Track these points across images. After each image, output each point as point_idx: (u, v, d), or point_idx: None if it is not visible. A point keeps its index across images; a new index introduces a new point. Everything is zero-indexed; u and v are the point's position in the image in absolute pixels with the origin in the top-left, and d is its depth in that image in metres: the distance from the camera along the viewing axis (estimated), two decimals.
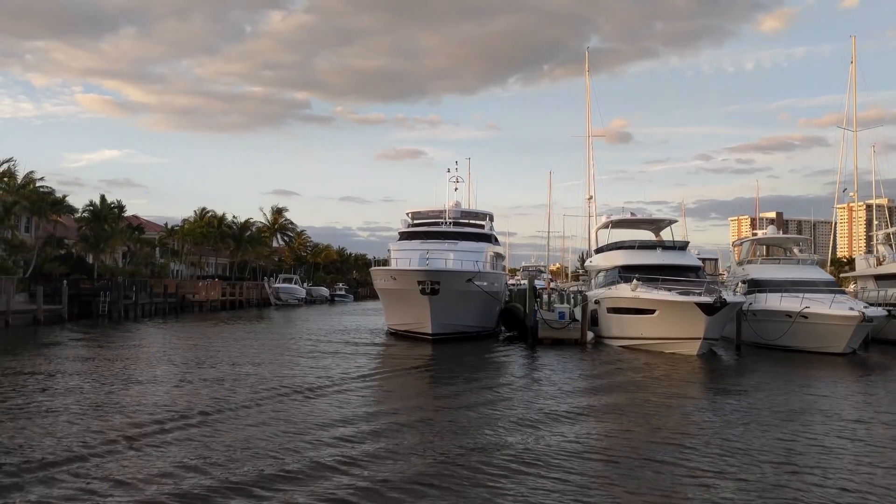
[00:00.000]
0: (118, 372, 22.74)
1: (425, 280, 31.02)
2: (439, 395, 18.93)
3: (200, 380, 20.93)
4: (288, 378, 21.20)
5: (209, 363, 24.93)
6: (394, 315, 36.25)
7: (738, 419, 16.09)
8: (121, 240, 64.45)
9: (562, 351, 29.94)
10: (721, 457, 12.53)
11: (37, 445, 12.72)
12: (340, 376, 20.84)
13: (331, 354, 27.69)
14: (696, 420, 16.15)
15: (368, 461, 11.88)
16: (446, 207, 42.11)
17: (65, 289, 47.22)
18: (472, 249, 36.82)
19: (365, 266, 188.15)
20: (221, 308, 69.47)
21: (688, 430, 14.85)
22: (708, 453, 12.78)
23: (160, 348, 30.54)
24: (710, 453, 12.78)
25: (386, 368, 24.82)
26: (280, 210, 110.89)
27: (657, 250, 33.01)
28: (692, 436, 14.27)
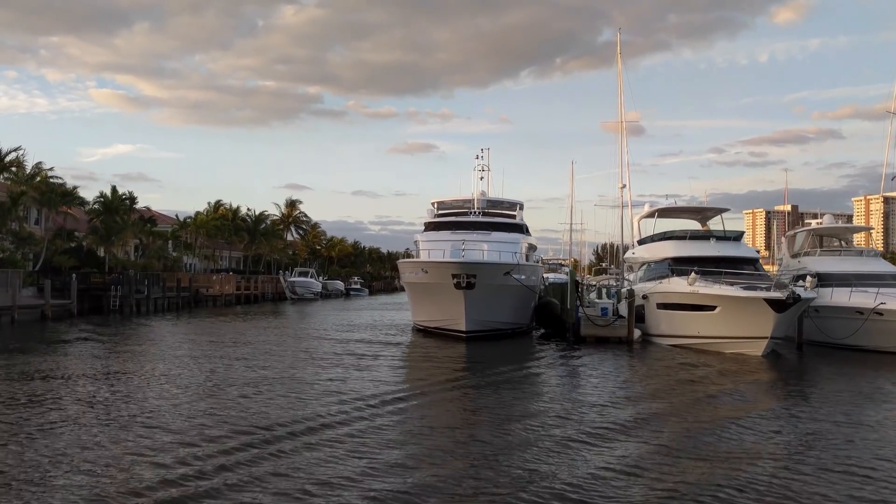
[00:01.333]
0: (132, 376, 20.51)
1: (460, 273, 28.64)
2: (481, 407, 16.32)
3: (224, 391, 18.66)
4: (320, 388, 18.93)
5: (230, 370, 22.66)
6: (423, 311, 33.87)
7: (829, 437, 13.62)
8: (132, 232, 62.34)
9: (608, 351, 27.52)
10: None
11: (42, 475, 10.47)
12: (372, 393, 17.50)
13: (359, 358, 25.01)
14: (777, 441, 13.49)
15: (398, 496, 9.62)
16: (474, 196, 39.67)
17: (74, 283, 45.16)
18: (507, 240, 34.40)
19: (378, 260, 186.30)
20: (236, 302, 67.45)
21: (771, 454, 12.33)
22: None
23: (175, 348, 28.35)
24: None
25: (419, 376, 22.29)
26: (294, 203, 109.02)
27: (710, 241, 30.44)
28: (776, 460, 11.82)
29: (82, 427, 13.49)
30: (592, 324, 30.00)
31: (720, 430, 13.98)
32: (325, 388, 18.14)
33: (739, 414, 15.76)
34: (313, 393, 17.52)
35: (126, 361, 23.53)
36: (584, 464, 11.42)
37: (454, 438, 13.05)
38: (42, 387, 17.98)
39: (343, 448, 12.08)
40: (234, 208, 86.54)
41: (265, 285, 78.44)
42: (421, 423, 14.48)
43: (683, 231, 32.86)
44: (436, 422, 14.51)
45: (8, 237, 48.44)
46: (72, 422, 13.89)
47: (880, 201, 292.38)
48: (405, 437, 13.16)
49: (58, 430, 13.16)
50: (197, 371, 21.30)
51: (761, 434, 13.88)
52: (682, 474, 10.75)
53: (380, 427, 13.82)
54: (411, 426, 14.16)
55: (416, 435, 13.31)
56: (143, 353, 26.05)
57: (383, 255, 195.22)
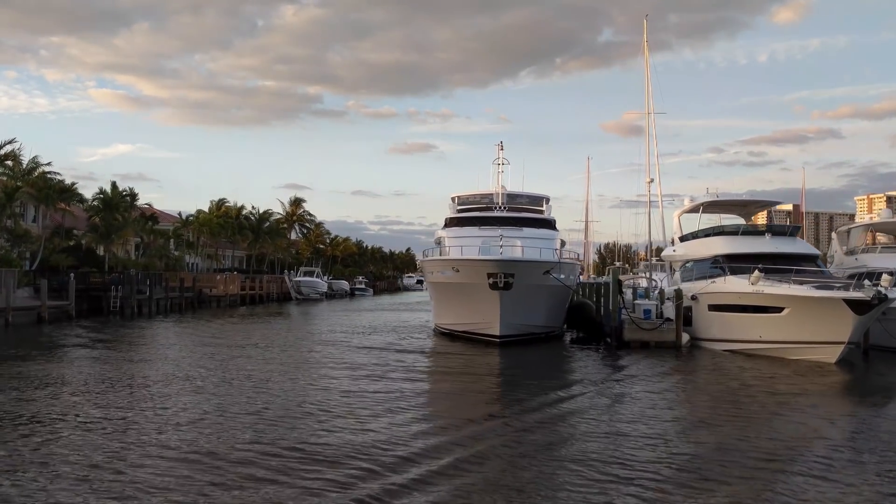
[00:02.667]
0: (136, 391, 18.08)
1: (497, 272, 26.12)
2: (533, 440, 13.42)
3: (237, 406, 16.25)
4: (343, 406, 16.50)
5: (245, 382, 20.21)
6: (449, 313, 31.26)
7: None
8: (133, 230, 59.98)
9: (657, 357, 25.04)
10: None
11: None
12: (402, 435, 12.94)
13: (383, 373, 21.59)
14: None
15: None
16: (498, 190, 37.15)
17: (72, 282, 42.63)
18: (542, 237, 31.89)
19: (381, 259, 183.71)
20: (241, 303, 64.97)
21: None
22: None
23: (179, 357, 25.93)
24: None
25: (451, 388, 19.78)
26: (298, 201, 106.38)
27: (766, 236, 27.87)
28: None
29: (81, 452, 11.07)
30: (637, 327, 27.49)
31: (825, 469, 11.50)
32: (347, 427, 14.09)
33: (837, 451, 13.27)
34: (333, 425, 13.68)
35: (129, 373, 21.06)
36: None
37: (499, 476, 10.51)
38: (36, 404, 15.51)
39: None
40: (238, 206, 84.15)
41: (270, 285, 75.94)
42: (455, 455, 11.60)
43: (735, 226, 30.34)
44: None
45: (2, 235, 46.02)
46: (71, 447, 11.45)
47: (883, 200, 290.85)
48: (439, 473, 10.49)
49: (54, 457, 10.74)
50: (204, 386, 18.85)
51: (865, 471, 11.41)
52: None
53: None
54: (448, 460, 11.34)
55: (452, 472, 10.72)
56: (146, 363, 23.62)
57: (386, 255, 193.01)
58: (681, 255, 31.42)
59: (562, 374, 22.04)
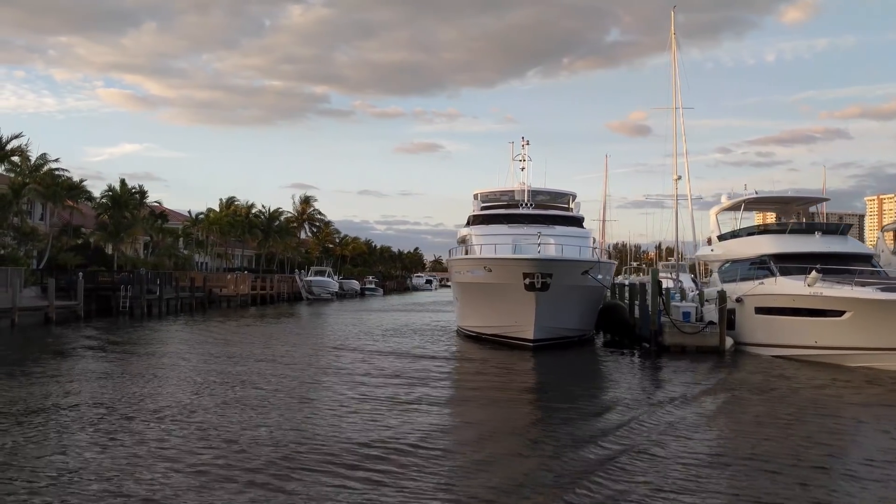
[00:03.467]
0: (149, 402, 16.63)
1: (534, 272, 24.58)
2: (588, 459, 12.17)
3: (259, 424, 14.80)
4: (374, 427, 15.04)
5: (265, 393, 18.77)
6: (477, 315, 29.66)
7: None
8: (143, 228, 58.60)
9: (700, 363, 23.45)
10: None
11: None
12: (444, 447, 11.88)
13: (409, 379, 20.27)
14: None
15: None
16: (524, 187, 35.61)
17: (81, 282, 41.27)
18: (576, 234, 30.36)
19: (390, 259, 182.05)
20: (251, 303, 63.56)
21: None
22: None
23: (197, 360, 24.58)
24: None
25: (486, 403, 18.09)
26: (308, 199, 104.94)
27: (815, 235, 26.23)
28: None
29: (92, 470, 9.62)
30: (679, 331, 25.91)
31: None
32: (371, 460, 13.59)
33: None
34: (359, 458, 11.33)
35: (146, 379, 19.61)
36: None
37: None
38: (44, 415, 14.07)
39: None
40: (248, 205, 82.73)
41: (281, 285, 74.53)
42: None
43: (782, 224, 28.69)
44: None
45: (9, 232, 44.67)
46: (81, 465, 10.00)
47: (894, 200, 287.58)
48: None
49: (67, 472, 9.30)
50: (220, 399, 17.41)
51: None
52: None
53: None
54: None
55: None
56: (161, 368, 22.22)
57: (394, 255, 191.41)
58: (719, 255, 29.83)
59: (604, 384, 20.44)
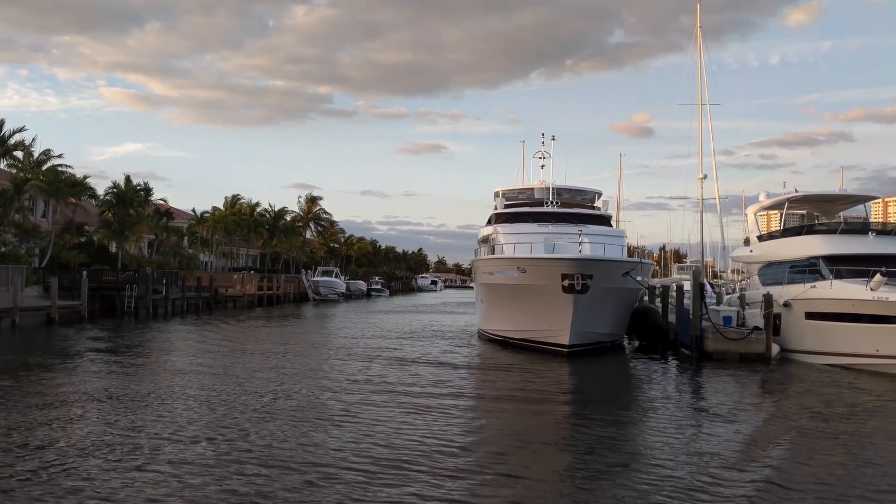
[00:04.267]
0: (168, 408, 15.12)
1: (574, 273, 23.02)
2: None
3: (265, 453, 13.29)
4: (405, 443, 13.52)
5: (283, 406, 17.30)
6: (504, 318, 27.99)
7: None
8: (148, 226, 57.12)
9: (748, 372, 21.95)
10: None
11: None
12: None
13: (435, 390, 19.05)
14: None
15: None
16: (547, 184, 34.09)
17: (84, 281, 39.80)
18: (610, 234, 28.84)
19: (395, 259, 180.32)
20: (257, 304, 61.99)
21: None
22: None
23: (210, 365, 23.17)
24: None
25: (523, 423, 16.70)
26: (314, 199, 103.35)
27: (869, 235, 24.70)
28: None
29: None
30: (723, 337, 24.35)
31: None
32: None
33: None
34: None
35: (160, 387, 18.13)
36: None
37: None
38: (47, 427, 12.55)
39: None
40: (254, 203, 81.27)
41: (287, 285, 73.03)
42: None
43: (833, 223, 27.15)
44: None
45: (10, 229, 43.21)
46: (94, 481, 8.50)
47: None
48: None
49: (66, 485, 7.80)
50: (233, 413, 15.92)
51: None
52: None
53: None
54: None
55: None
56: (174, 375, 20.77)
57: (399, 255, 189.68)
58: (759, 257, 28.29)
59: (650, 396, 18.79)
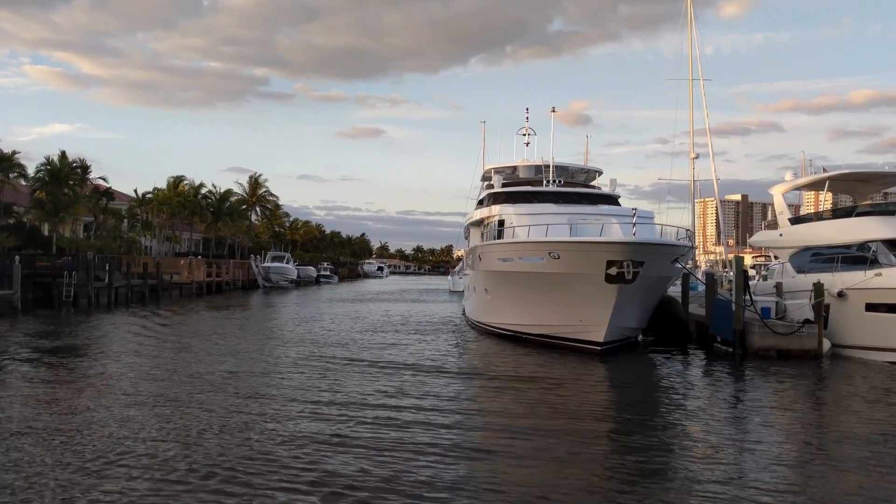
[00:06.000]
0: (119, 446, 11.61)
1: (623, 259, 19.81)
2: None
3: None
4: None
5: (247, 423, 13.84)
6: (518, 310, 24.20)
7: None
8: (86, 207, 52.01)
9: (804, 373, 19.39)
10: None
11: None
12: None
13: (443, 407, 15.31)
14: None
15: None
16: (544, 162, 30.98)
17: (17, 267, 35.06)
18: (639, 216, 25.83)
19: (340, 245, 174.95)
20: (206, 291, 57.44)
21: None
22: None
23: (176, 370, 19.44)
24: None
25: (555, 426, 13.64)
26: (258, 181, 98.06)
27: None
28: None
29: None
30: (770, 331, 21.65)
31: None
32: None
33: None
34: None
35: (92, 407, 14.44)
36: None
37: None
38: None
39: None
40: (198, 185, 76.06)
41: (236, 271, 68.47)
42: None
43: (889, 203, 24.75)
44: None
45: None
46: None
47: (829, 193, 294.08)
48: None
49: None
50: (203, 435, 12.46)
51: None
52: None
53: None
54: None
55: None
56: (135, 382, 17.05)
57: (344, 240, 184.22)
58: (792, 241, 25.72)
59: (712, 404, 15.96)
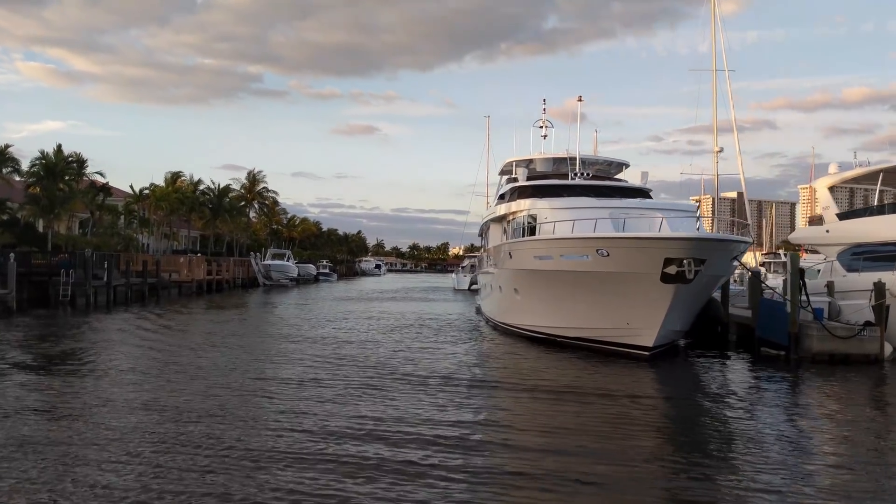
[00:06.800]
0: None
1: (684, 257, 18.13)
2: None
3: None
4: None
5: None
6: (555, 311, 22.35)
7: None
8: (83, 203, 50.23)
9: (864, 378, 17.87)
10: None
11: None
12: None
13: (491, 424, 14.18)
14: None
15: None
16: (576, 154, 29.42)
17: (12, 265, 33.31)
18: (682, 208, 24.24)
19: (337, 242, 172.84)
20: (207, 290, 55.73)
21: None
22: None
23: (169, 387, 17.73)
24: None
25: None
26: (256, 177, 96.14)
27: None
28: None
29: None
30: (830, 335, 20.11)
31: None
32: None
33: None
34: None
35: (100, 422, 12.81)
36: None
37: None
38: None
39: None
40: (196, 181, 74.30)
41: (237, 269, 66.78)
42: None
43: None
44: None
45: None
46: None
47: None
48: None
49: None
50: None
51: None
52: None
53: None
54: None
55: None
56: (136, 401, 15.35)
57: (341, 237, 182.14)
58: (841, 237, 24.22)
59: (784, 419, 14.34)
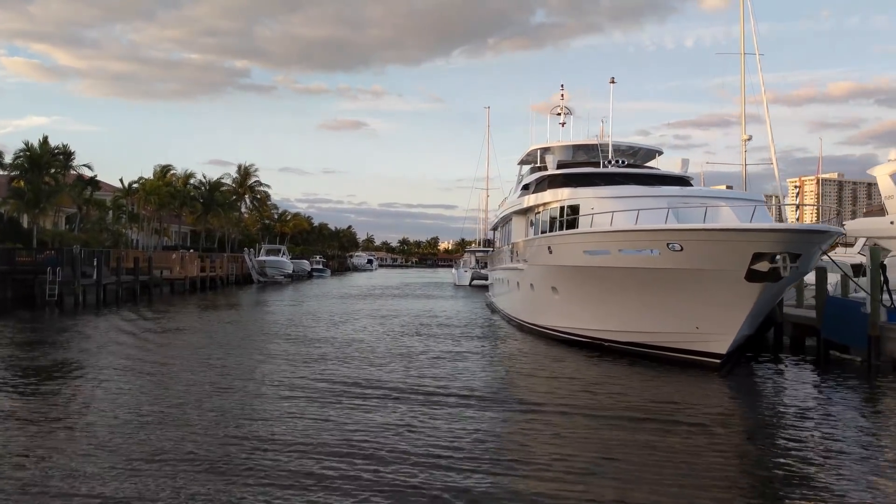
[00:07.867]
0: None
1: (779, 252, 15.75)
2: None
3: None
4: None
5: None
6: (606, 313, 20.10)
7: None
8: (69, 197, 47.69)
9: None
10: None
11: None
12: None
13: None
14: None
15: None
16: (609, 140, 27.45)
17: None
18: (747, 198, 22.11)
19: (329, 237, 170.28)
20: (200, 287, 53.38)
21: None
22: None
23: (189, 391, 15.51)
24: None
25: None
26: (248, 171, 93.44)
27: None
28: None
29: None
30: None
31: None
32: None
33: None
34: None
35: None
36: None
37: None
38: None
39: None
40: (187, 174, 71.73)
41: (230, 266, 64.38)
42: None
43: None
44: None
45: None
46: None
47: (813, 181, 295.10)
48: None
49: None
50: None
51: None
52: None
53: None
54: None
55: None
56: (135, 424, 13.14)
57: (332, 232, 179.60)
58: None
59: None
